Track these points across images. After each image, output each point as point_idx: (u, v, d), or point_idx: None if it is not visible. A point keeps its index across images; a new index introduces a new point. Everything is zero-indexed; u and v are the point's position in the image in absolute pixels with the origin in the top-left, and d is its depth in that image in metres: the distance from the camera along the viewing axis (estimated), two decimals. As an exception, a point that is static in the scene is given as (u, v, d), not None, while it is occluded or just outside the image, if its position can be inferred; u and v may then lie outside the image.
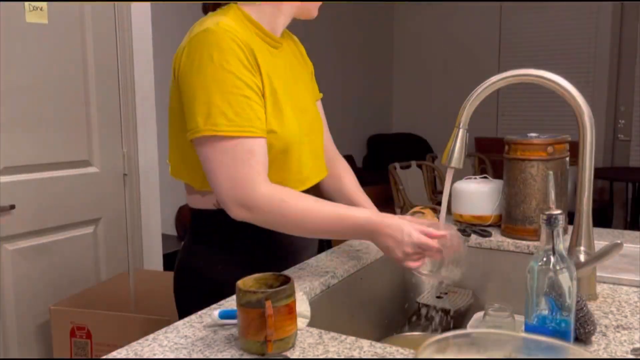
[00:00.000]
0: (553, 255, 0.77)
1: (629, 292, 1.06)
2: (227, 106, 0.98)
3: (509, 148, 1.42)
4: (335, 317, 1.16)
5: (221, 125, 0.98)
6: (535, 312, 0.79)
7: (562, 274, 0.76)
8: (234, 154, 0.99)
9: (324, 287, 1.13)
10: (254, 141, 1.00)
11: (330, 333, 0.87)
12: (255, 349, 0.80)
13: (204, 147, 1.01)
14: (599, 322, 0.93)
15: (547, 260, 0.77)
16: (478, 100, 1.02)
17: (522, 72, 0.98)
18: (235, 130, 0.99)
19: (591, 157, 0.97)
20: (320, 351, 0.81)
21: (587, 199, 0.97)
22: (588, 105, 0.97)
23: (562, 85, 0.96)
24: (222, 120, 0.98)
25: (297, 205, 1.02)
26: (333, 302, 1.16)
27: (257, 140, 1.01)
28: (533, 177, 1.38)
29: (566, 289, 0.77)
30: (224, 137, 0.99)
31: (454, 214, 1.57)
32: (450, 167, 1.05)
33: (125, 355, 0.80)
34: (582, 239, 0.98)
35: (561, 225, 0.77)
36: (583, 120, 0.96)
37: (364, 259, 1.28)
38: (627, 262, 1.21)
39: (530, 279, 0.78)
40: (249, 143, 1.00)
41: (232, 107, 0.99)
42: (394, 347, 0.82)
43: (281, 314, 0.79)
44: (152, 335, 0.87)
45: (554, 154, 1.37)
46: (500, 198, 1.49)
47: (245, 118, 1.00)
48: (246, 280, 0.85)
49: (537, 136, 1.40)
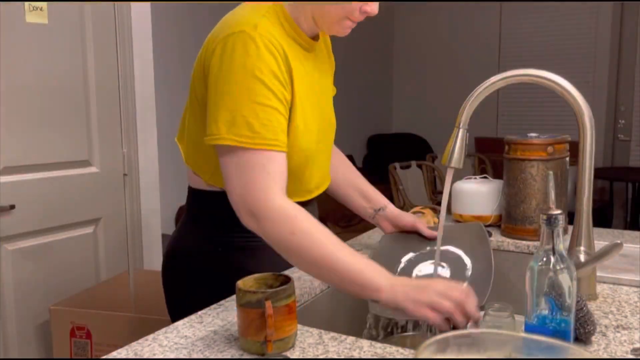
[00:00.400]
0: (553, 255, 0.77)
1: (629, 292, 1.06)
2: (254, 116, 0.95)
3: (509, 148, 1.42)
4: (335, 317, 1.16)
5: (245, 136, 0.95)
6: (535, 312, 0.79)
7: (562, 274, 0.76)
8: (253, 166, 0.95)
9: (324, 287, 1.13)
10: (275, 155, 0.97)
11: (330, 333, 0.87)
12: (255, 349, 0.80)
13: (224, 154, 0.98)
14: (599, 322, 0.93)
15: (547, 260, 0.77)
16: (478, 100, 1.02)
17: (522, 72, 0.98)
18: (258, 143, 0.95)
19: (591, 157, 0.97)
20: (320, 351, 0.81)
21: (587, 199, 0.97)
22: (588, 105, 0.97)
23: (562, 85, 0.96)
24: (246, 131, 0.95)
25: (310, 229, 0.94)
26: (333, 302, 1.16)
27: (278, 154, 0.98)
28: (533, 177, 1.38)
29: (566, 289, 0.77)
30: (246, 149, 0.95)
31: (454, 214, 1.57)
32: (450, 167, 1.05)
33: (125, 355, 0.80)
34: (582, 239, 0.98)
35: (561, 226, 0.77)
36: (583, 120, 0.96)
37: (364, 259, 1.28)
38: (627, 262, 1.21)
39: (530, 278, 0.78)
40: (270, 156, 0.96)
41: (258, 118, 0.95)
42: (394, 347, 0.82)
43: (281, 314, 0.80)
44: (152, 335, 0.87)
45: (554, 154, 1.37)
46: (500, 198, 1.49)
47: (271, 131, 0.96)
48: (246, 280, 0.85)
49: (537, 136, 1.40)
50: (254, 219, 0.95)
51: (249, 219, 0.96)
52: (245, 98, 0.95)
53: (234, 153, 0.96)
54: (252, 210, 0.95)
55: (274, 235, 0.95)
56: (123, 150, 2.27)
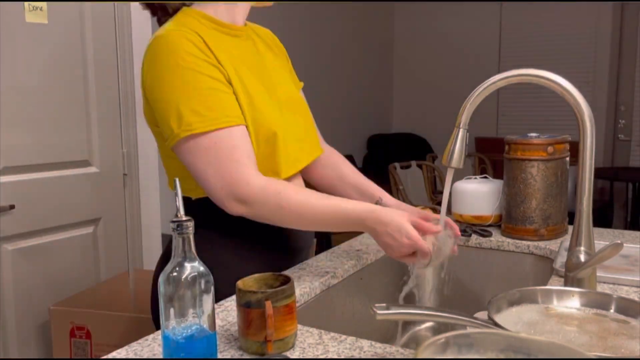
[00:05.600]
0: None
1: (629, 292, 1.06)
2: (196, 103, 0.97)
3: (509, 148, 1.42)
4: (335, 317, 1.16)
5: (194, 123, 0.96)
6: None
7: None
8: (217, 150, 0.97)
9: (324, 287, 1.13)
10: (232, 131, 0.99)
11: (330, 333, 0.87)
12: (255, 349, 0.80)
13: (185, 150, 0.99)
14: (599, 322, 0.92)
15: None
16: (478, 100, 1.02)
17: (522, 72, 0.98)
18: (209, 124, 0.97)
19: (591, 157, 0.97)
20: (320, 351, 0.81)
21: (587, 199, 0.97)
22: (588, 105, 0.97)
23: (562, 85, 0.96)
24: (194, 118, 0.96)
25: (295, 197, 1.00)
26: (333, 302, 1.16)
27: (235, 129, 0.99)
28: (533, 177, 1.38)
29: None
30: (201, 135, 0.96)
31: (454, 214, 1.57)
32: (450, 167, 1.05)
33: (125, 355, 0.80)
34: (582, 239, 0.98)
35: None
36: (583, 120, 0.96)
37: (364, 259, 1.28)
38: (627, 262, 1.21)
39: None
40: (228, 135, 0.98)
41: (200, 102, 0.97)
42: (394, 347, 0.82)
43: (281, 314, 0.79)
44: (152, 335, 0.87)
45: (554, 154, 1.37)
46: (500, 198, 1.49)
47: (217, 110, 0.98)
48: (246, 281, 0.85)
49: (537, 136, 1.40)
50: (240, 204, 0.98)
51: (235, 206, 0.98)
52: (181, 90, 0.97)
53: (193, 144, 0.97)
54: (237, 197, 0.98)
55: (266, 214, 1.00)
56: (123, 150, 2.27)
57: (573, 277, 0.96)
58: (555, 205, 1.40)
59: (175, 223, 0.71)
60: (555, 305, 0.83)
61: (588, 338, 0.72)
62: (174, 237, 0.72)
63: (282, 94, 1.16)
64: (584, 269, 0.95)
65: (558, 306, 0.82)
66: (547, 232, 1.39)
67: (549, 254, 1.33)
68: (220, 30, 1.09)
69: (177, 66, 0.97)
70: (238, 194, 0.97)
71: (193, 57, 0.98)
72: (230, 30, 1.10)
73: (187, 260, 0.72)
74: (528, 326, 0.77)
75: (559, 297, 0.84)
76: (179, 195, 0.74)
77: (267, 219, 1.02)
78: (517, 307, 0.82)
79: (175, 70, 0.97)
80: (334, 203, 1.04)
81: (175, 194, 0.75)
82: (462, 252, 1.41)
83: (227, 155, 0.97)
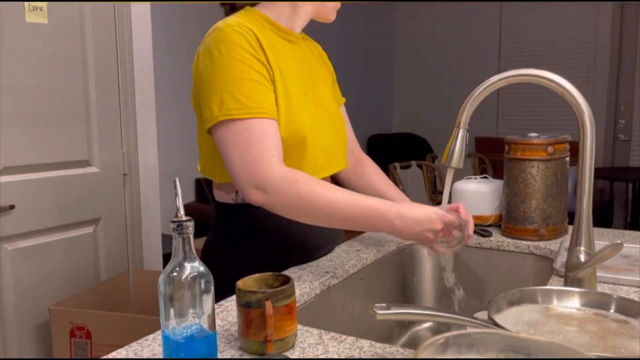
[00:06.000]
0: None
1: (629, 292, 1.06)
2: (238, 91, 1.02)
3: (509, 148, 1.42)
4: (335, 317, 1.16)
5: (233, 109, 1.02)
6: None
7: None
8: (247, 137, 1.01)
9: (324, 287, 1.13)
10: (265, 122, 1.03)
11: (330, 333, 0.87)
12: (255, 349, 0.80)
13: (219, 133, 1.04)
14: (599, 322, 0.92)
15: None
16: (478, 100, 1.02)
17: (522, 72, 0.98)
18: (246, 112, 1.01)
19: (591, 157, 0.97)
20: (320, 351, 0.81)
21: (587, 199, 0.97)
22: (588, 105, 0.97)
23: (562, 85, 0.96)
24: (234, 104, 1.02)
25: (315, 187, 1.02)
26: (333, 302, 1.16)
27: (268, 121, 1.03)
28: (533, 177, 1.38)
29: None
30: (237, 121, 1.01)
31: (454, 214, 1.57)
32: (450, 167, 1.05)
33: (125, 355, 0.80)
34: (582, 239, 0.98)
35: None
36: (583, 120, 0.96)
37: (364, 259, 1.28)
38: (627, 262, 1.21)
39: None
40: (260, 125, 1.02)
41: (242, 92, 1.02)
42: (394, 347, 0.82)
43: (281, 314, 0.79)
44: (152, 335, 0.87)
45: (554, 154, 1.37)
46: (500, 198, 1.49)
47: (255, 100, 1.03)
48: (246, 280, 0.85)
49: (537, 136, 1.40)
50: (259, 191, 1.01)
51: (255, 193, 1.01)
52: (226, 78, 1.03)
53: (227, 128, 1.02)
54: (258, 183, 1.00)
55: (283, 201, 1.01)
56: (123, 150, 2.27)
57: (573, 277, 0.96)
58: (555, 205, 1.40)
59: (175, 223, 0.71)
60: (555, 305, 0.83)
61: (588, 338, 0.72)
62: (174, 237, 0.72)
63: (321, 104, 1.21)
64: (584, 269, 0.95)
65: (558, 306, 0.82)
66: (547, 232, 1.39)
67: (549, 254, 1.33)
68: (276, 32, 1.15)
69: (227, 57, 1.03)
70: (257, 181, 1.00)
71: (243, 51, 1.04)
72: (285, 35, 1.16)
73: (187, 260, 0.72)
74: (528, 326, 0.77)
75: (559, 297, 0.84)
76: (179, 195, 0.74)
77: (286, 210, 1.03)
78: (517, 307, 0.82)
79: (225, 60, 1.03)
80: (358, 197, 1.05)
81: (176, 193, 0.75)
82: (462, 252, 1.41)
83: (256, 142, 1.01)
